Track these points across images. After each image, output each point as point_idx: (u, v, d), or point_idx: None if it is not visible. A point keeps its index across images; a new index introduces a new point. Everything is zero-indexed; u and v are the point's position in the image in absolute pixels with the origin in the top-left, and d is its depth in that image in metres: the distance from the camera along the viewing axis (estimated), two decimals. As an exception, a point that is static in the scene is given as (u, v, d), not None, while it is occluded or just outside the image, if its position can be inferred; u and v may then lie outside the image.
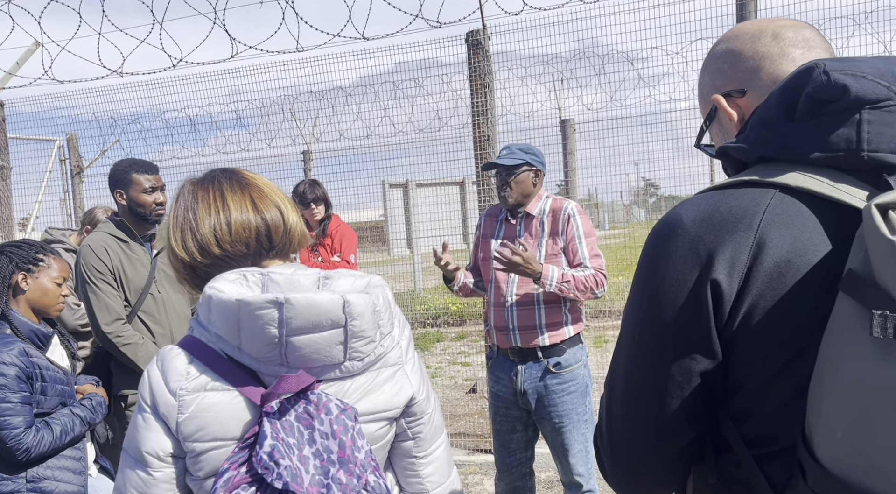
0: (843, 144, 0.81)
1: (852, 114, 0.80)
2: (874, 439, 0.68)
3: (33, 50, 5.26)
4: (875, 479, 0.69)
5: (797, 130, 0.85)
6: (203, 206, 1.18)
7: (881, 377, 0.67)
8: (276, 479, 0.96)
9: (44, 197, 6.59)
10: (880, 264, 0.68)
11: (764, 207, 0.82)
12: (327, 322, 1.03)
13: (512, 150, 2.90)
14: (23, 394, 2.10)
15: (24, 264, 2.27)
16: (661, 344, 0.87)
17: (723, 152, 0.95)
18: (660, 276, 0.87)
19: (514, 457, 2.97)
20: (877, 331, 0.66)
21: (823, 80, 0.81)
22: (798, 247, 0.80)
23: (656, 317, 0.87)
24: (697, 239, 0.84)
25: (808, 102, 0.83)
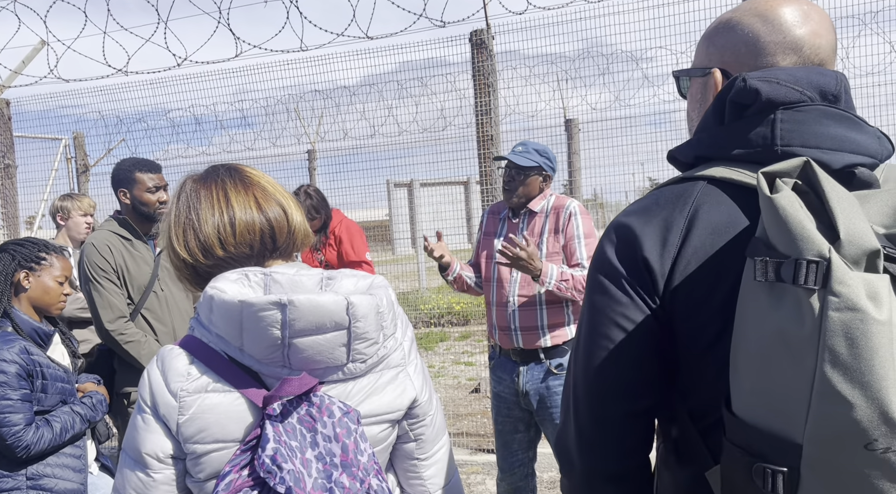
0: (760, 140, 0.92)
1: (768, 115, 0.91)
2: (771, 380, 0.76)
3: (39, 49, 5.28)
4: (775, 420, 0.75)
5: (724, 131, 0.96)
6: (206, 205, 1.16)
7: (771, 320, 0.75)
8: (279, 483, 0.95)
9: (50, 195, 6.61)
10: (764, 220, 0.78)
11: (693, 195, 0.94)
12: (331, 324, 1.02)
13: (528, 149, 2.85)
14: (23, 392, 2.10)
15: (27, 263, 2.27)
16: (608, 315, 0.95)
17: (671, 157, 1.06)
18: (605, 257, 0.98)
19: (516, 457, 2.96)
20: (758, 275, 0.76)
21: (741, 85, 0.92)
22: (720, 228, 0.90)
23: (602, 290, 0.96)
24: (637, 225, 0.95)
25: (731, 106, 0.95)
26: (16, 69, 5.32)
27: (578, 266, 2.78)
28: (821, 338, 0.71)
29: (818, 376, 0.71)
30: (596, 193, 8.04)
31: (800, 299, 0.73)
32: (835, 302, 0.71)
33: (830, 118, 0.90)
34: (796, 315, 0.73)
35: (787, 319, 0.74)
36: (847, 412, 0.70)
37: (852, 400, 0.70)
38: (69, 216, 3.83)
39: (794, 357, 0.73)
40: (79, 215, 3.83)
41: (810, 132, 0.89)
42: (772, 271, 0.75)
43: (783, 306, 0.74)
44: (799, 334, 0.73)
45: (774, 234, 0.76)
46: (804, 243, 0.73)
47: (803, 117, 0.90)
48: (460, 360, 7.43)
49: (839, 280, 0.71)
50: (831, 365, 0.71)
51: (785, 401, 0.74)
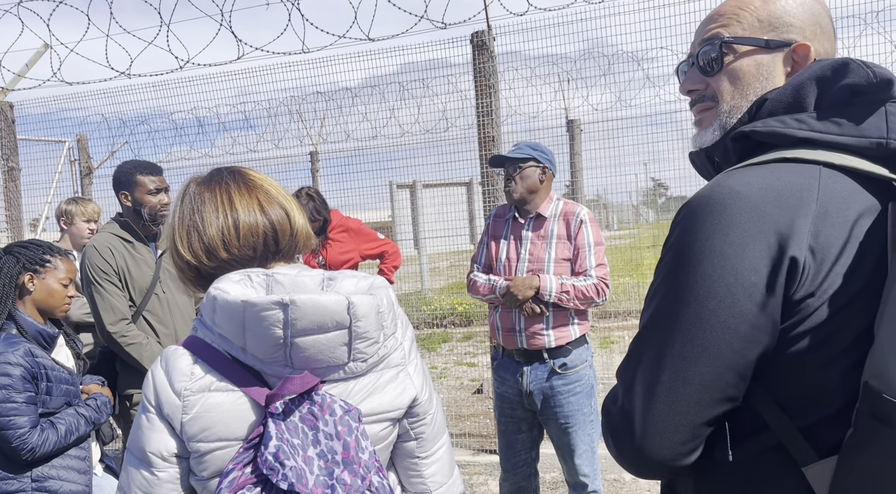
0: (874, 132, 0.88)
1: (879, 106, 0.89)
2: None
3: (42, 52, 5.30)
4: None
5: (830, 116, 0.90)
6: (210, 208, 1.17)
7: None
8: (282, 480, 0.96)
9: (54, 198, 6.63)
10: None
11: (817, 181, 0.86)
12: (332, 323, 1.03)
13: (520, 146, 2.91)
14: (28, 394, 2.11)
15: (31, 265, 2.28)
16: (718, 322, 0.85)
17: (743, 135, 0.95)
18: (716, 246, 0.85)
19: (518, 458, 2.97)
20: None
21: (867, 73, 0.88)
22: (853, 217, 0.85)
23: (712, 296, 0.85)
24: (763, 212, 0.84)
25: (845, 91, 0.90)
26: (19, 72, 5.35)
27: (583, 274, 2.79)
28: None
29: None
30: (599, 193, 8.04)
31: None
32: None
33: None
34: None
35: None
36: None
37: None
38: (72, 222, 3.84)
39: None
40: (82, 221, 3.84)
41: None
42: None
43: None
44: None
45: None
46: None
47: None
48: (463, 361, 7.43)
49: None
50: None
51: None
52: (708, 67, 1.03)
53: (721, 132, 1.01)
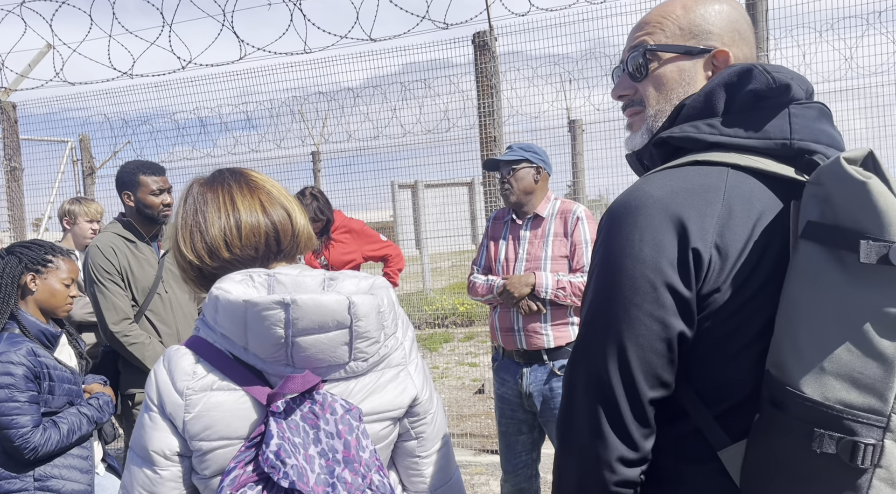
0: (778, 133, 0.94)
1: (782, 109, 0.95)
2: (861, 357, 0.79)
3: (45, 52, 5.31)
4: (859, 394, 0.79)
5: (737, 121, 0.97)
6: (213, 208, 1.18)
7: (864, 299, 0.78)
8: (283, 478, 0.97)
9: (56, 198, 6.64)
10: (851, 204, 0.80)
11: (724, 181, 0.93)
12: (333, 323, 1.03)
13: (513, 148, 2.92)
14: (30, 393, 2.12)
15: (34, 265, 2.29)
16: (647, 316, 0.92)
17: (662, 141, 1.02)
18: (634, 246, 0.92)
19: (519, 459, 2.97)
20: (864, 257, 0.78)
21: (768, 79, 0.95)
22: (760, 216, 0.91)
23: (637, 293, 0.92)
24: (673, 213, 0.91)
25: (749, 96, 0.96)
26: (22, 73, 5.36)
27: (580, 271, 2.79)
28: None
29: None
30: (600, 194, 8.03)
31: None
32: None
33: (824, 116, 0.97)
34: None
35: (888, 299, 0.78)
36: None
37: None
38: (75, 222, 3.84)
39: (890, 334, 0.77)
40: (85, 221, 3.84)
41: (815, 129, 0.95)
42: (875, 254, 0.77)
43: (883, 288, 0.78)
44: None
45: (867, 218, 0.79)
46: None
47: (809, 113, 0.96)
48: (464, 361, 7.43)
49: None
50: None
51: (873, 377, 0.78)
52: (636, 73, 1.09)
53: (648, 136, 1.07)
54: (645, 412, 0.94)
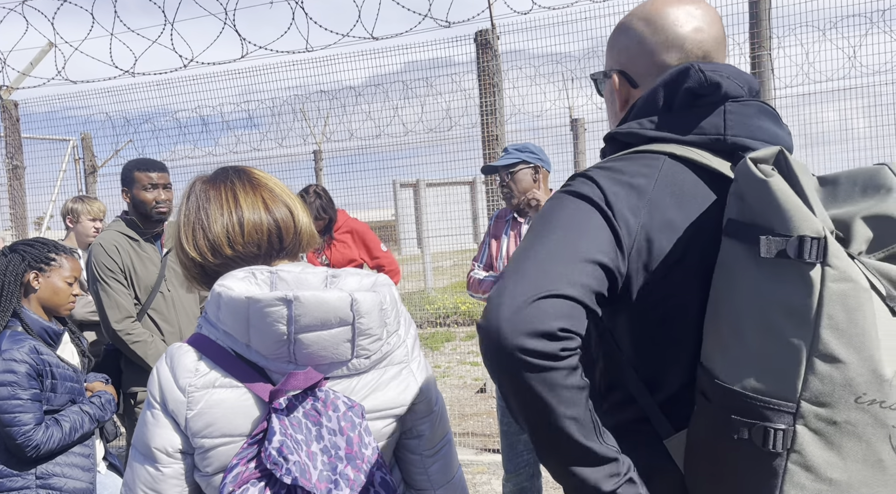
0: (712, 129, 1.00)
1: (719, 106, 1.00)
2: (769, 348, 0.83)
3: (47, 50, 5.31)
4: (771, 383, 0.83)
5: (675, 117, 1.03)
6: (215, 205, 1.18)
7: (773, 292, 0.82)
8: (285, 474, 0.97)
9: (58, 196, 6.65)
10: (755, 201, 0.85)
11: (658, 170, 0.99)
12: (335, 320, 1.03)
13: (508, 150, 2.93)
14: (33, 391, 2.12)
15: (37, 263, 2.29)
16: (577, 238, 0.93)
17: (611, 137, 1.10)
18: (567, 212, 0.95)
19: (521, 458, 2.97)
20: (764, 252, 0.82)
21: (700, 77, 1.00)
22: (687, 202, 0.96)
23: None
24: (611, 193, 0.96)
25: (686, 94, 1.01)
26: (24, 71, 5.36)
27: None
28: (820, 306, 0.79)
29: (817, 340, 0.80)
30: (602, 192, 8.03)
31: (802, 273, 0.80)
32: (832, 274, 0.79)
33: (764, 113, 1.02)
34: (800, 287, 0.80)
35: (792, 291, 0.81)
36: (842, 370, 0.80)
37: (847, 360, 0.80)
38: (78, 220, 3.84)
39: (795, 325, 0.81)
40: (87, 220, 3.84)
41: (753, 125, 1.00)
42: (775, 248, 0.81)
43: (786, 280, 0.82)
44: (802, 303, 0.80)
45: (770, 214, 0.83)
46: (804, 222, 0.81)
47: (746, 111, 1.01)
48: (466, 360, 7.43)
49: (835, 254, 0.80)
50: (830, 329, 0.79)
51: (782, 365, 0.82)
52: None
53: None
54: (564, 300, 0.86)
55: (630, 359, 1.02)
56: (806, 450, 0.82)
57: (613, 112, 1.19)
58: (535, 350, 0.83)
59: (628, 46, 1.13)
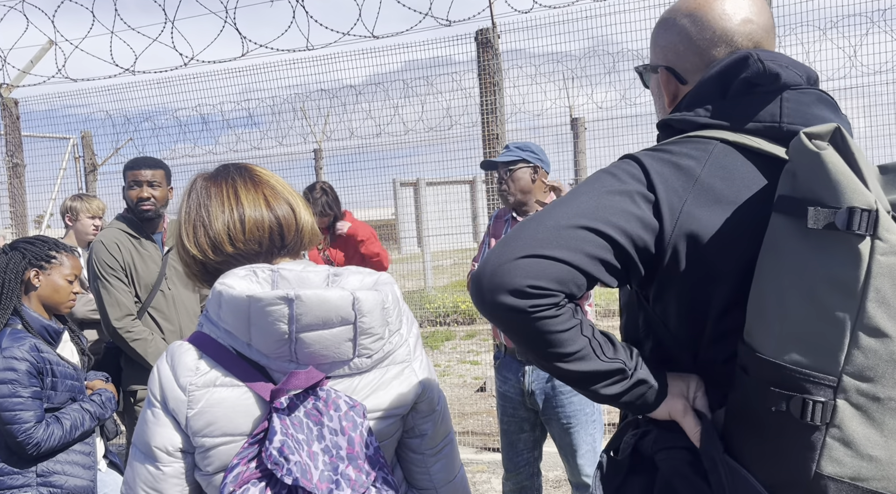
0: (768, 117, 0.99)
1: (776, 95, 1.00)
2: (813, 321, 0.82)
3: (47, 49, 5.31)
4: (813, 357, 0.82)
5: (731, 104, 1.02)
6: (216, 203, 1.17)
7: (819, 265, 0.81)
8: (286, 475, 0.97)
9: (58, 195, 6.65)
10: (807, 174, 0.84)
11: (708, 154, 0.98)
12: (337, 319, 1.03)
13: (510, 148, 2.92)
14: (33, 389, 2.12)
15: (37, 261, 2.29)
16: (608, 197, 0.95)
17: (665, 124, 1.09)
18: (592, 185, 0.97)
19: (521, 457, 2.97)
20: (811, 223, 0.81)
21: (760, 68, 0.99)
22: (740, 182, 0.96)
23: (582, 200, 0.95)
24: (658, 174, 0.96)
25: (743, 83, 1.01)
26: (24, 69, 5.36)
27: None
28: (868, 279, 0.79)
29: (863, 313, 0.79)
30: (602, 192, 8.02)
31: (851, 245, 0.79)
32: (882, 247, 0.78)
33: (823, 102, 1.01)
34: (848, 259, 0.80)
35: (839, 263, 0.80)
36: (888, 344, 0.79)
37: (893, 334, 0.79)
38: (77, 218, 3.84)
39: (841, 297, 0.80)
40: (87, 218, 3.84)
41: (809, 113, 0.99)
42: (823, 219, 0.80)
43: (834, 252, 0.81)
44: (849, 276, 0.79)
45: (820, 187, 0.82)
46: (855, 195, 0.79)
47: (804, 99, 1.00)
48: (466, 359, 7.43)
49: (886, 227, 0.79)
50: (876, 303, 0.79)
51: (825, 338, 0.81)
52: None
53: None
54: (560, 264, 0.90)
55: (676, 336, 1.02)
56: (846, 425, 0.81)
57: (661, 106, 1.18)
58: (505, 305, 0.89)
59: (674, 43, 1.11)
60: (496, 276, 0.89)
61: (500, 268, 0.89)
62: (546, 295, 0.88)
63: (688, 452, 0.98)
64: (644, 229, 0.93)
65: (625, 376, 0.95)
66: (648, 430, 1.05)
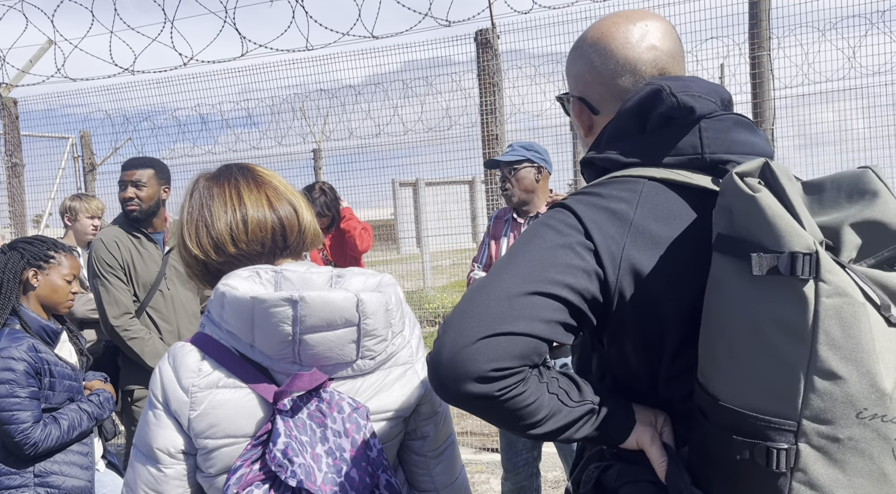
0: (689, 149, 0.99)
1: (693, 125, 0.99)
2: (766, 366, 0.81)
3: (46, 48, 5.31)
4: (770, 402, 0.82)
5: (651, 139, 1.02)
6: (219, 203, 1.17)
7: (767, 310, 0.81)
8: (291, 477, 0.96)
9: (57, 194, 6.64)
10: (743, 217, 0.84)
11: (638, 195, 0.98)
12: (341, 321, 1.03)
13: (514, 147, 2.92)
14: (31, 389, 2.11)
15: (36, 261, 2.29)
16: (550, 263, 0.92)
17: (588, 162, 1.09)
18: (535, 244, 0.94)
19: (520, 457, 2.97)
20: (756, 270, 0.80)
21: (673, 102, 0.98)
22: (671, 221, 0.96)
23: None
24: (593, 222, 0.95)
25: (659, 117, 1.00)
26: (23, 68, 5.36)
27: None
28: (816, 323, 0.78)
29: (815, 357, 0.79)
30: (601, 192, 8.02)
31: (795, 289, 0.79)
32: (826, 289, 0.78)
33: (740, 125, 1.01)
34: (795, 303, 0.79)
35: (786, 307, 0.80)
36: (842, 386, 0.79)
37: (846, 376, 0.79)
38: (76, 218, 3.84)
39: (792, 342, 0.80)
40: (86, 218, 3.84)
41: (729, 140, 0.99)
42: (766, 265, 0.80)
43: (780, 297, 0.80)
44: (797, 320, 0.79)
45: (759, 231, 0.82)
46: (794, 238, 0.79)
47: (721, 126, 1.00)
48: (465, 359, 7.42)
49: (828, 269, 0.78)
50: (827, 346, 0.78)
51: (781, 383, 0.81)
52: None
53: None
54: (517, 338, 0.87)
55: (636, 376, 1.02)
56: (810, 468, 0.81)
57: (580, 136, 1.18)
58: (471, 393, 0.86)
59: (583, 73, 1.10)
60: (457, 364, 0.85)
61: (459, 354, 0.85)
62: (511, 374, 0.87)
63: (653, 486, 0.97)
64: (590, 280, 0.93)
65: (593, 414, 0.95)
66: (611, 464, 1.04)
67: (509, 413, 0.89)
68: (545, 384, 0.91)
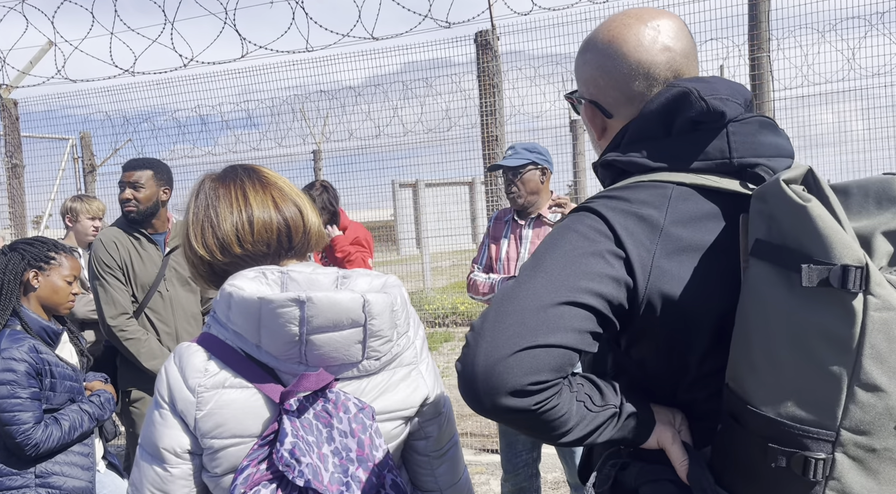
0: (717, 153, 0.98)
1: (721, 130, 0.98)
2: (808, 376, 0.82)
3: (46, 49, 5.31)
4: (809, 411, 0.82)
5: (677, 143, 1.00)
6: (225, 203, 1.17)
7: (812, 321, 0.80)
8: (298, 476, 0.97)
9: (57, 195, 6.64)
10: (794, 226, 0.83)
11: (667, 201, 0.96)
12: (347, 321, 1.03)
13: (517, 149, 2.91)
14: (32, 390, 2.12)
15: (36, 262, 2.29)
16: (575, 272, 0.90)
17: (608, 163, 1.06)
18: (563, 250, 0.92)
19: (520, 458, 2.97)
20: (806, 281, 0.79)
21: (703, 107, 0.97)
22: (699, 229, 0.95)
23: (573, 261, 0.91)
24: (623, 227, 0.94)
25: (687, 122, 0.99)
26: (23, 70, 5.36)
27: None
28: (863, 336, 0.79)
29: (859, 368, 0.79)
30: (601, 193, 8.03)
31: (844, 302, 0.79)
32: (875, 303, 0.78)
33: (765, 127, 1.01)
34: (843, 316, 0.79)
35: (832, 319, 0.80)
36: (884, 399, 0.80)
37: (888, 389, 0.80)
38: (77, 219, 3.84)
39: (836, 353, 0.80)
40: (86, 219, 3.84)
41: (756, 143, 0.99)
42: (817, 277, 0.79)
43: (827, 309, 0.80)
44: (844, 332, 0.79)
45: (810, 242, 0.81)
46: (846, 251, 0.79)
47: (748, 129, 0.99)
48: (465, 360, 7.42)
49: (877, 282, 0.79)
50: (872, 359, 0.79)
51: (822, 394, 0.81)
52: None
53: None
54: (550, 349, 0.86)
55: (654, 377, 1.01)
56: (845, 477, 0.82)
57: (593, 139, 1.16)
58: (507, 407, 0.85)
59: (594, 77, 1.07)
60: (492, 377, 0.84)
61: (496, 367, 0.84)
62: (548, 387, 0.86)
63: (673, 485, 0.97)
64: (618, 289, 0.92)
65: (615, 417, 0.95)
66: (628, 462, 1.04)
67: (543, 424, 0.89)
68: (574, 393, 0.91)
